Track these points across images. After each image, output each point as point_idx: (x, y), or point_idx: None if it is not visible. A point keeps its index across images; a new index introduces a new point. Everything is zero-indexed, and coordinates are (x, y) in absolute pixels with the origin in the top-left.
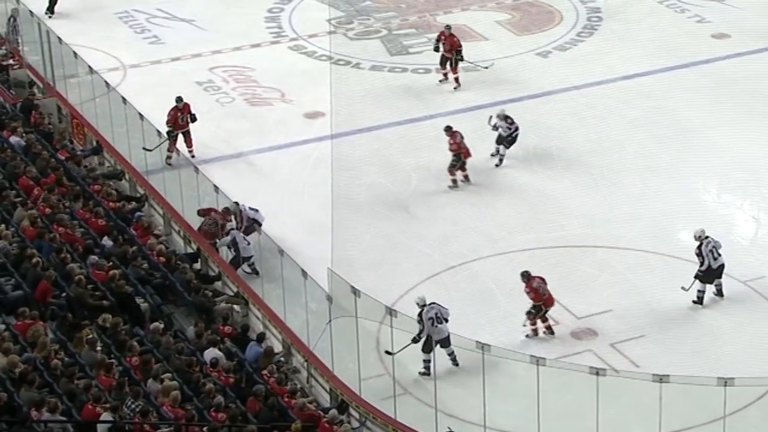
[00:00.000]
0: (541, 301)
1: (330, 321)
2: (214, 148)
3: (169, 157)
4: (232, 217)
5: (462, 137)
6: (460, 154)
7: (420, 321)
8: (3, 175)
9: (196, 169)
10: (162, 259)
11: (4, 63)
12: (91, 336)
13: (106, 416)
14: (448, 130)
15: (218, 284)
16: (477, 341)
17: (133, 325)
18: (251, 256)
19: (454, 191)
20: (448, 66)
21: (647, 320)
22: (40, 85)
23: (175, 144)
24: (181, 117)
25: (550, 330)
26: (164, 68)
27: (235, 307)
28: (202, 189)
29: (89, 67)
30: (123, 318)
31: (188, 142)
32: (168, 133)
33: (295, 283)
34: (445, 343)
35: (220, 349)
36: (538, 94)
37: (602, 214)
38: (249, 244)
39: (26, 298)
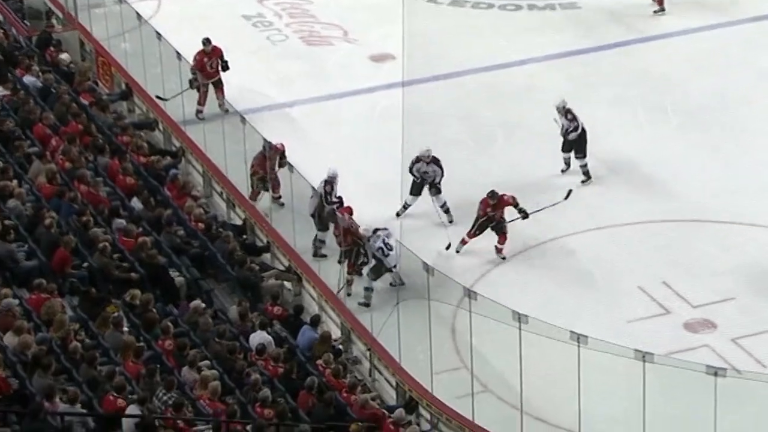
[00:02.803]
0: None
1: (398, 303)
2: (264, 95)
3: (199, 111)
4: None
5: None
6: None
7: (364, 254)
8: (15, 121)
9: (243, 120)
10: (201, 225)
11: None
12: (116, 314)
13: (132, 409)
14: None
15: (267, 256)
16: (572, 331)
17: (166, 302)
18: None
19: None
20: None
21: None
22: (60, 16)
23: (205, 96)
24: (209, 63)
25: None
26: None
27: (287, 284)
28: (250, 143)
29: None
30: (154, 294)
31: (219, 93)
32: (190, 81)
33: None
34: (393, 268)
35: (268, 333)
36: (650, 38)
37: (724, 182)
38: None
39: (41, 268)
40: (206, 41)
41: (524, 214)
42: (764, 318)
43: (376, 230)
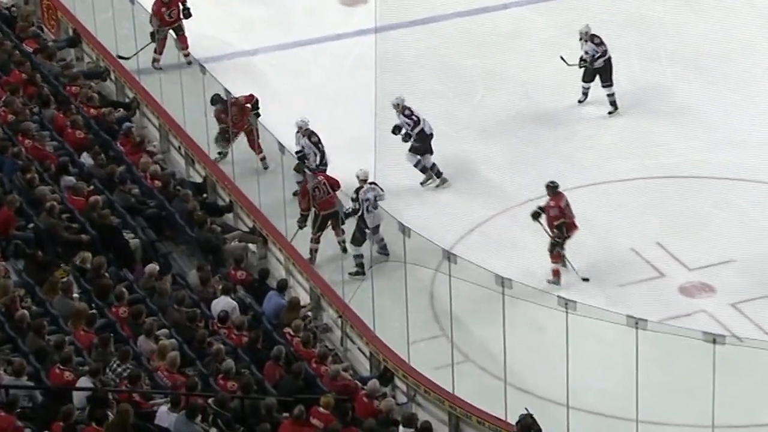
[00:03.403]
0: (563, 222)
1: (371, 267)
2: (225, 42)
3: (156, 60)
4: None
5: (567, 203)
6: (562, 227)
7: (356, 199)
8: None
9: (203, 69)
10: (157, 183)
11: None
12: (65, 279)
13: (83, 382)
14: (552, 188)
15: (229, 217)
16: (559, 296)
17: (120, 266)
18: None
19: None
20: None
21: None
22: None
23: (163, 44)
24: (167, 12)
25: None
26: None
27: (251, 246)
28: (210, 94)
29: None
30: (107, 257)
31: (182, 41)
32: (152, 34)
33: None
34: (376, 229)
35: (231, 299)
36: None
37: (724, 136)
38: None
39: None
40: None
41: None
42: (765, 281)
43: (373, 183)
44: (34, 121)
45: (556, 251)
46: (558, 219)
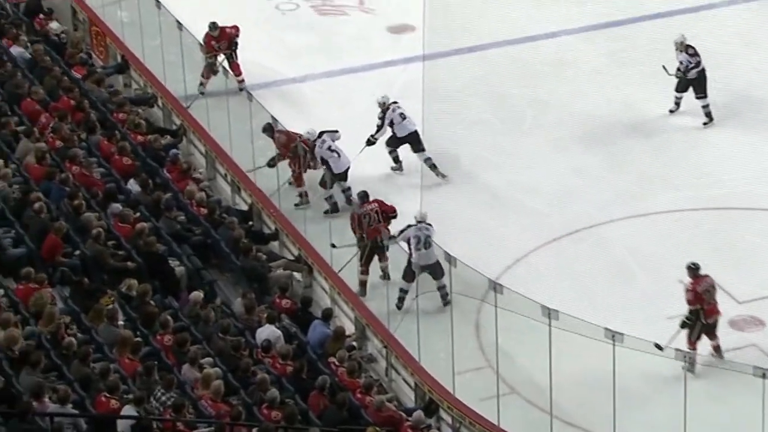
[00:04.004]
0: (700, 307)
1: (417, 296)
2: (272, 69)
3: (202, 84)
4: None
5: (710, 287)
6: (698, 312)
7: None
8: (2, 96)
9: (250, 96)
10: (203, 210)
11: None
12: (111, 307)
13: (128, 410)
14: (692, 270)
15: (275, 245)
16: (606, 328)
17: (166, 294)
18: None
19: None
20: None
21: None
22: None
23: (211, 71)
24: (216, 45)
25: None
26: None
27: (296, 275)
28: (257, 121)
29: None
30: (152, 285)
31: (234, 68)
32: (210, 64)
33: None
34: (437, 272)
35: (276, 328)
36: (695, 8)
37: None
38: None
39: (30, 256)
40: (212, 25)
41: None
42: None
43: (420, 221)
44: (82, 148)
45: (692, 337)
46: (693, 304)
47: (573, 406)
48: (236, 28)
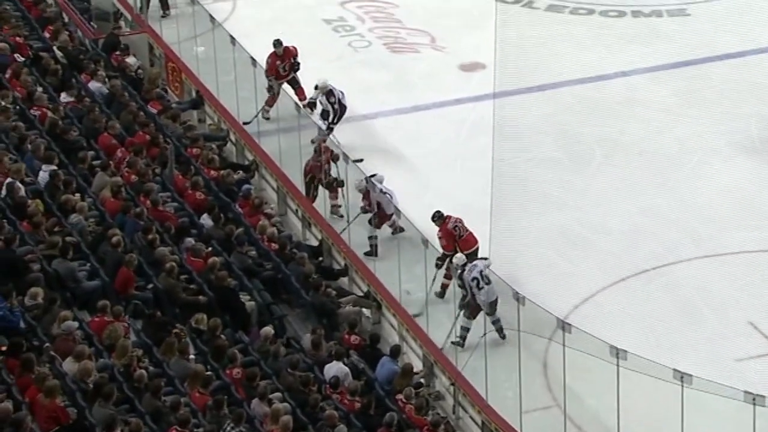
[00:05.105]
0: (457, 247)
1: (485, 334)
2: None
3: (266, 111)
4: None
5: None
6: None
7: (462, 285)
8: (79, 130)
9: (321, 132)
10: (274, 245)
11: None
12: (183, 340)
13: None
14: (438, 216)
15: (344, 281)
16: (675, 369)
17: (236, 328)
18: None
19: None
20: None
21: None
22: (129, 18)
23: (275, 98)
24: (281, 66)
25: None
26: (283, 0)
27: (365, 311)
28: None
29: None
30: (223, 319)
31: (298, 92)
32: (268, 89)
33: None
34: (492, 308)
35: (344, 365)
36: (766, 48)
37: None
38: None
39: (104, 288)
40: (277, 43)
41: None
42: None
43: (474, 259)
44: (156, 183)
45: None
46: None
47: None
48: (295, 48)
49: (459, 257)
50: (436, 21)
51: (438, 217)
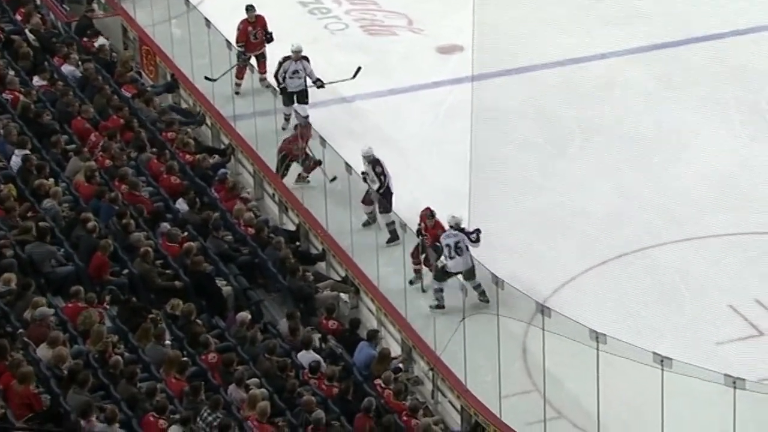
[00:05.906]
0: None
1: (464, 319)
2: (321, 89)
3: (238, 85)
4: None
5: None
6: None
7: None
8: (53, 114)
9: (299, 117)
10: (250, 230)
11: None
12: (159, 326)
13: (174, 430)
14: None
15: (322, 265)
16: (655, 353)
17: (212, 314)
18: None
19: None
20: None
21: None
22: (102, 0)
23: (244, 70)
24: (253, 33)
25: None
26: None
27: (343, 296)
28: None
29: None
30: (199, 304)
31: (261, 66)
32: (238, 55)
33: None
34: (470, 274)
35: (321, 350)
36: (748, 30)
37: None
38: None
39: (78, 274)
40: (250, 7)
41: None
42: None
43: (456, 229)
44: (131, 167)
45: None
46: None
47: (620, 430)
48: (264, 18)
49: (452, 218)
50: (413, 3)
51: (431, 216)
